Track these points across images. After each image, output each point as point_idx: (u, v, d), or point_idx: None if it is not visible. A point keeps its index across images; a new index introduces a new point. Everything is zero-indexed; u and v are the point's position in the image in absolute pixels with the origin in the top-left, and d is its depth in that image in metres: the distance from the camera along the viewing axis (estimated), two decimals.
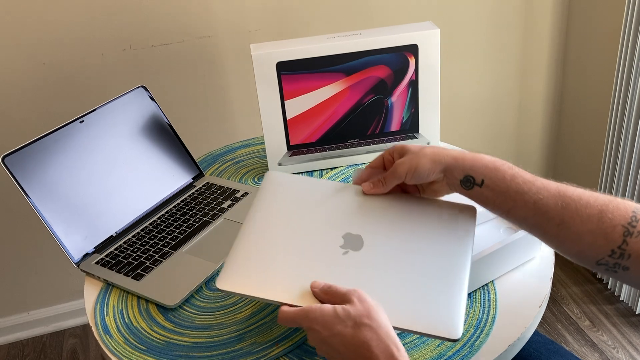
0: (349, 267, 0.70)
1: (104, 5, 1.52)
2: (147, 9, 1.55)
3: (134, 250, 1.00)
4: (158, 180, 1.12)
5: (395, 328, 0.65)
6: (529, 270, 0.89)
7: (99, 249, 1.01)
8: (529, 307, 0.83)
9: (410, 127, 1.19)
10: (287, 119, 1.15)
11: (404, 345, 0.78)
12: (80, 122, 1.04)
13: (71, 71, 1.57)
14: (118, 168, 1.07)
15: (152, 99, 1.15)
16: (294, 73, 1.11)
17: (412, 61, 1.13)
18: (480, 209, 0.77)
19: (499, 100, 1.96)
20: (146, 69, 1.61)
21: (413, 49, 1.12)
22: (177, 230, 1.03)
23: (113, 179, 1.06)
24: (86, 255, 1.00)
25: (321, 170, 1.20)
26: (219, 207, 1.08)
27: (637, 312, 1.75)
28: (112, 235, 1.03)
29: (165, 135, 1.16)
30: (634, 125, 1.57)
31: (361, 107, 1.16)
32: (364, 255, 0.71)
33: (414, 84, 1.15)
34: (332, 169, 1.20)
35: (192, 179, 1.17)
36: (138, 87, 1.14)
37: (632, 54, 1.52)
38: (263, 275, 0.70)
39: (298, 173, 1.20)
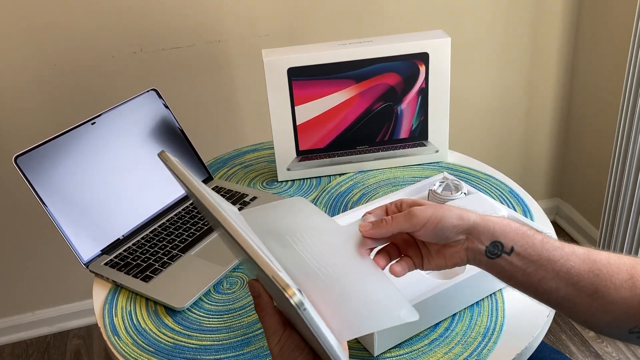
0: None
1: (114, 8, 1.53)
2: (158, 13, 1.56)
3: (143, 252, 1.00)
4: (167, 182, 1.12)
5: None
6: None
7: (107, 250, 1.01)
8: (536, 316, 0.83)
9: (420, 134, 1.19)
10: (297, 124, 1.16)
11: (412, 352, 0.79)
12: (92, 124, 1.05)
13: (82, 73, 1.58)
14: (128, 170, 1.08)
15: (163, 102, 1.16)
16: (305, 79, 1.12)
17: (422, 69, 1.13)
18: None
19: (507, 109, 1.96)
20: (156, 72, 1.62)
21: (424, 57, 1.12)
22: (186, 233, 1.03)
23: (123, 180, 1.07)
24: (95, 257, 1.00)
25: (330, 175, 1.20)
26: None
27: None
28: (119, 239, 1.03)
29: (175, 138, 1.16)
30: None
31: (371, 114, 1.17)
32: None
33: (423, 92, 1.16)
34: (340, 174, 1.20)
35: (202, 182, 1.17)
36: (149, 90, 1.14)
37: None
38: None
39: (307, 178, 1.20)
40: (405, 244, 0.69)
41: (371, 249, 0.67)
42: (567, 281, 0.62)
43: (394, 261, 0.68)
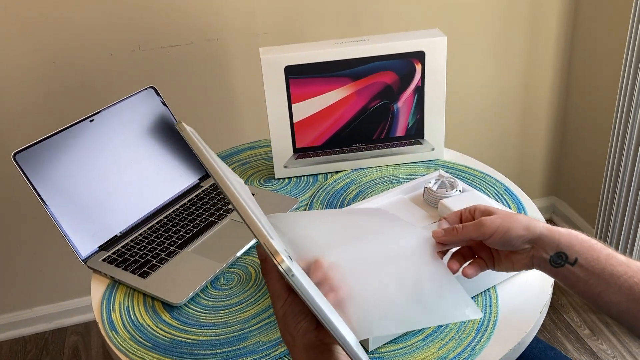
0: None
1: (113, 6, 1.54)
2: (156, 11, 1.57)
3: (141, 249, 1.01)
4: (165, 179, 1.13)
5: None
6: (530, 275, 0.90)
7: (105, 246, 1.02)
8: (530, 312, 0.84)
9: (416, 132, 1.20)
10: (294, 122, 1.17)
11: (406, 347, 0.80)
12: (91, 121, 1.06)
13: (80, 71, 1.59)
14: (126, 167, 1.09)
15: (161, 99, 1.17)
16: (302, 77, 1.13)
17: (418, 68, 1.14)
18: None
19: (503, 107, 1.97)
20: (154, 70, 1.63)
21: (420, 56, 1.13)
22: (184, 230, 1.04)
23: (121, 177, 1.08)
24: (93, 253, 1.01)
25: (326, 173, 1.21)
26: (224, 208, 1.09)
27: None
28: (116, 235, 1.04)
29: (173, 135, 1.17)
30: (637, 135, 1.58)
31: (367, 112, 1.17)
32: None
33: (420, 90, 1.16)
34: (337, 172, 1.21)
35: (199, 179, 1.18)
36: (147, 88, 1.15)
37: (637, 64, 1.53)
38: None
39: (304, 176, 1.21)
40: (478, 246, 0.73)
41: (444, 252, 0.73)
42: (628, 296, 0.65)
43: (466, 263, 0.73)
